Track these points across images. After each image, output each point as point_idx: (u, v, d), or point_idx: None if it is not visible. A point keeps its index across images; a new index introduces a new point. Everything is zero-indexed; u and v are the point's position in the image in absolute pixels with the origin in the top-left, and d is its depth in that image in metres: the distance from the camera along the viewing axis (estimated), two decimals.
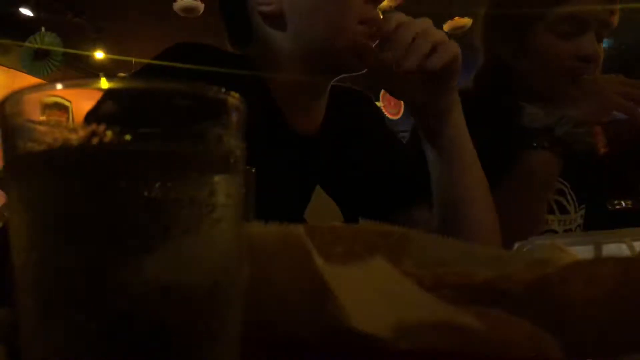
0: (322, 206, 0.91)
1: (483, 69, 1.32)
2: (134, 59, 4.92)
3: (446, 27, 4.52)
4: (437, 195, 0.91)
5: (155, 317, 0.24)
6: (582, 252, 0.70)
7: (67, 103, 0.27)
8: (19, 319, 0.24)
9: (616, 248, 0.68)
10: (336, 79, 0.94)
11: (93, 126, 0.23)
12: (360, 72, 0.88)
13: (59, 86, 0.25)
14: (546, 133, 1.10)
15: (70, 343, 0.23)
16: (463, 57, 0.83)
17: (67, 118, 0.25)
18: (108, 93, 0.25)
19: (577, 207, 1.26)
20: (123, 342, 0.23)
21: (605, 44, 1.35)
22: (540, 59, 1.19)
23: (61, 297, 0.23)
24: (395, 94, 0.92)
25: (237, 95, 0.27)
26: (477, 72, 1.34)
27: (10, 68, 5.14)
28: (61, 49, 3.95)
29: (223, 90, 0.26)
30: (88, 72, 5.89)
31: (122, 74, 5.42)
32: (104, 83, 0.25)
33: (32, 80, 5.14)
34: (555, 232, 1.24)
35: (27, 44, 3.93)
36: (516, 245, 0.79)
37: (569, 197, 1.26)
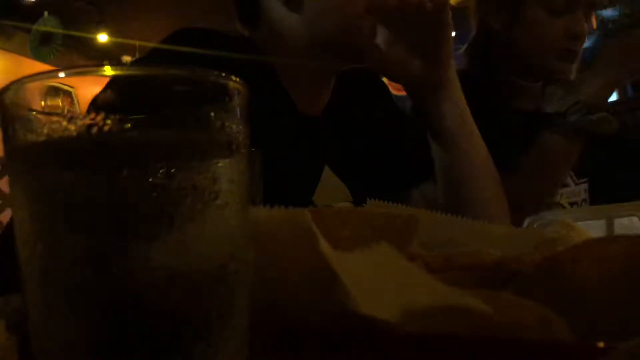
0: (330, 187, 0.91)
1: (475, 40, 1.34)
2: (137, 42, 4.90)
3: None
4: (440, 176, 0.90)
5: (163, 303, 0.24)
6: (593, 226, 0.69)
7: (69, 89, 0.27)
8: (26, 310, 0.24)
9: (628, 221, 0.68)
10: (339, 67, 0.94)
11: (92, 115, 0.23)
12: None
13: (61, 74, 0.25)
14: (560, 118, 1.10)
15: (78, 332, 0.23)
16: (461, 32, 0.83)
17: (70, 103, 0.25)
18: (111, 81, 0.24)
19: (575, 180, 1.26)
20: (131, 330, 0.23)
21: (615, 12, 1.36)
22: (530, 32, 1.20)
23: (68, 287, 0.23)
24: (390, 75, 0.92)
25: (238, 79, 0.27)
26: (469, 42, 1.35)
27: (13, 53, 5.13)
28: (62, 31, 3.93)
29: (223, 74, 0.26)
30: (92, 55, 5.88)
31: (126, 57, 5.41)
32: (107, 70, 0.24)
33: (35, 64, 5.13)
34: (563, 206, 1.25)
35: (35, 27, 3.90)
36: (526, 221, 0.78)
37: None
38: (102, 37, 5.23)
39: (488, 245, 0.38)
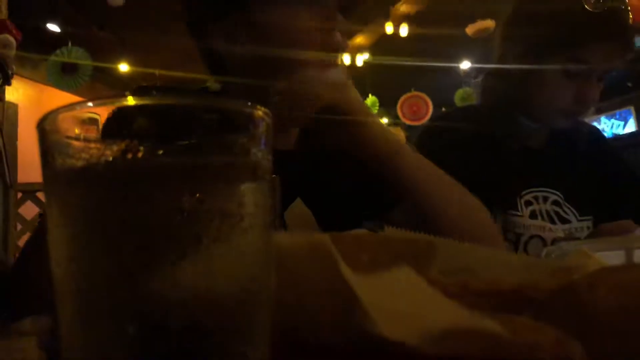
0: (299, 216, 0.90)
1: (491, 75, 1.35)
2: (158, 71, 4.99)
3: (469, 29, 4.48)
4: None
5: (189, 322, 0.24)
6: (612, 257, 0.69)
7: (96, 116, 0.28)
8: (58, 328, 0.25)
9: None
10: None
11: (126, 142, 0.24)
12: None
13: (92, 104, 0.26)
14: None
15: (109, 349, 0.24)
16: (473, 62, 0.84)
17: (97, 129, 0.26)
18: (139, 110, 0.26)
19: (577, 216, 1.26)
20: (159, 347, 0.24)
21: (639, 42, 1.38)
22: (542, 88, 1.22)
23: (99, 306, 0.24)
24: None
25: (263, 108, 0.28)
26: (486, 74, 1.37)
27: (38, 82, 5.26)
28: (90, 63, 4.02)
29: (249, 103, 0.27)
30: (113, 84, 6.00)
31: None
32: (131, 100, 0.26)
33: (59, 93, 5.24)
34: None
35: (52, 57, 3.99)
36: (544, 251, 0.78)
37: (565, 208, 1.27)
38: (123, 67, 5.34)
39: (505, 273, 0.39)
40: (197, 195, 0.25)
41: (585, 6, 1.11)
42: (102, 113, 0.28)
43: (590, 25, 1.14)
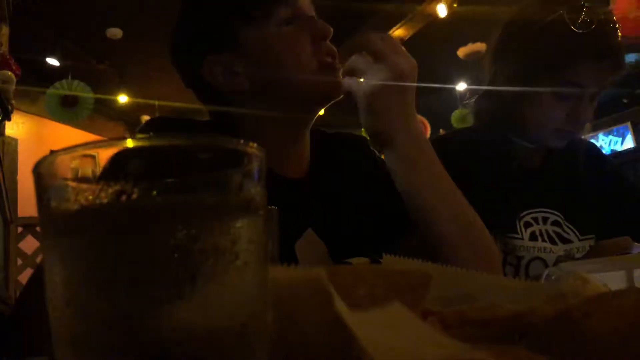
0: (311, 247, 0.89)
1: (485, 95, 1.36)
2: (156, 102, 5.04)
3: (461, 52, 4.54)
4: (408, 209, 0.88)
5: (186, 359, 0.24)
6: (613, 277, 0.69)
7: (94, 153, 0.29)
8: None
9: None
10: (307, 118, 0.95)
11: (121, 183, 0.24)
12: (335, 90, 0.89)
13: (91, 147, 0.26)
14: None
15: None
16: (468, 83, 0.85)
17: (94, 166, 0.27)
18: (134, 151, 0.26)
19: (578, 235, 1.25)
20: None
21: (631, 58, 1.39)
22: (533, 108, 1.22)
23: (97, 348, 0.24)
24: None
25: (254, 145, 0.28)
26: (480, 95, 1.38)
27: (38, 116, 5.30)
28: (92, 95, 4.05)
29: (242, 141, 0.28)
30: (112, 115, 6.05)
31: (145, 117, 5.55)
32: (130, 142, 0.26)
33: (59, 127, 5.28)
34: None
35: (51, 90, 4.02)
36: (546, 272, 0.78)
37: (565, 227, 1.27)
38: (123, 98, 5.40)
39: (504, 298, 0.39)
40: (192, 234, 0.25)
41: (572, 27, 1.12)
42: (100, 150, 0.28)
43: (579, 46, 1.13)
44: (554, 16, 1.15)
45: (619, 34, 1.18)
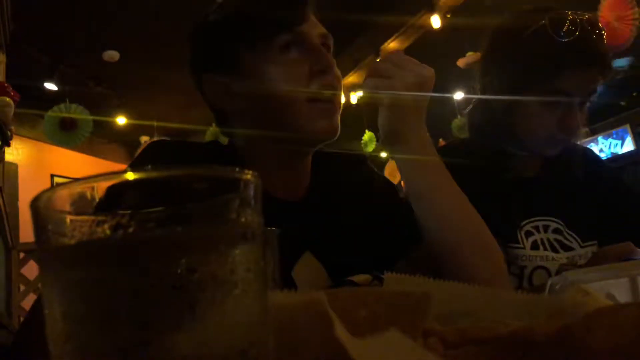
0: (309, 270, 0.89)
1: (477, 106, 1.36)
2: (155, 123, 5.06)
3: (460, 62, 4.56)
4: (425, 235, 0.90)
5: None
6: (616, 285, 0.68)
7: (91, 187, 0.29)
8: None
9: None
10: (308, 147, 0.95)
11: (118, 217, 0.25)
12: (329, 135, 0.90)
13: (90, 181, 0.27)
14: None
15: None
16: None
17: (92, 195, 0.27)
18: (132, 183, 0.26)
19: (580, 242, 1.25)
20: None
21: (625, 62, 1.39)
22: (524, 118, 1.22)
23: None
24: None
25: (250, 172, 0.28)
26: (472, 106, 1.38)
27: (37, 140, 5.32)
28: (90, 117, 4.06)
29: (237, 169, 0.28)
30: (111, 137, 6.07)
31: (145, 137, 5.57)
32: (130, 175, 0.26)
33: (58, 150, 5.29)
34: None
35: (49, 113, 4.03)
36: (549, 281, 0.78)
37: (567, 235, 1.26)
38: (121, 120, 5.42)
39: (505, 314, 0.39)
40: (189, 265, 0.25)
41: (555, 37, 1.12)
42: (98, 186, 0.29)
43: (564, 55, 1.13)
44: (537, 26, 1.16)
45: (604, 40, 1.18)
